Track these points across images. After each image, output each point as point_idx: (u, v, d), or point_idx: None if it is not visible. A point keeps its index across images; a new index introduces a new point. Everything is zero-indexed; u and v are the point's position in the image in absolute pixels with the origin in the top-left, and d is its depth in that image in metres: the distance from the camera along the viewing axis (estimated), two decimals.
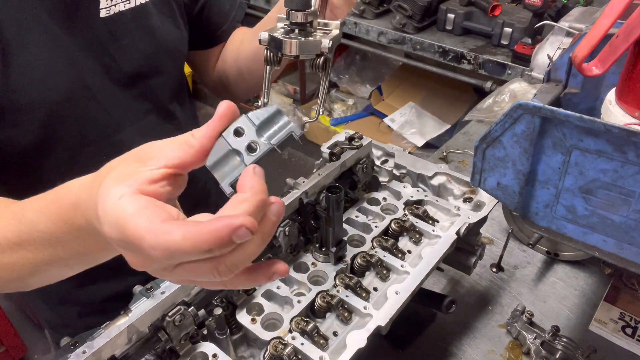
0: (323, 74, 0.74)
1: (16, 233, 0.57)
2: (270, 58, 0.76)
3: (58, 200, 0.55)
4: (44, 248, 0.57)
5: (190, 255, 0.41)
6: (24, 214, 0.58)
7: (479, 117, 1.76)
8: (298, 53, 0.73)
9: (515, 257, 1.26)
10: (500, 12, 2.25)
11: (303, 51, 0.73)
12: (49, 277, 0.63)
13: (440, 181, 1.02)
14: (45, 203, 0.56)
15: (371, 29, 2.58)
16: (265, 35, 0.74)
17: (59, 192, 0.55)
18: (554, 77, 0.84)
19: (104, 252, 0.56)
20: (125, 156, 0.50)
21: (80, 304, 1.03)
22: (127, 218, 0.42)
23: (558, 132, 0.64)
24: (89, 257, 0.58)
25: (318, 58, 0.75)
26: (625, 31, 0.63)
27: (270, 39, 0.74)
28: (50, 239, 0.56)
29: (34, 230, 0.56)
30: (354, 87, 3.78)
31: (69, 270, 0.61)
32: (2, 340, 2.30)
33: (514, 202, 0.73)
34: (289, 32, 0.73)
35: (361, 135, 1.03)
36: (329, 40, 0.73)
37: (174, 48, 0.99)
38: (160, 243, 0.41)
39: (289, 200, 0.86)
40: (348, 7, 0.82)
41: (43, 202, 0.57)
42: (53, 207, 0.55)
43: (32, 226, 0.56)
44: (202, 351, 0.71)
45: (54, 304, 1.05)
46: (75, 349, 0.63)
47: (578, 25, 1.37)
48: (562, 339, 0.96)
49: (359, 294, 0.80)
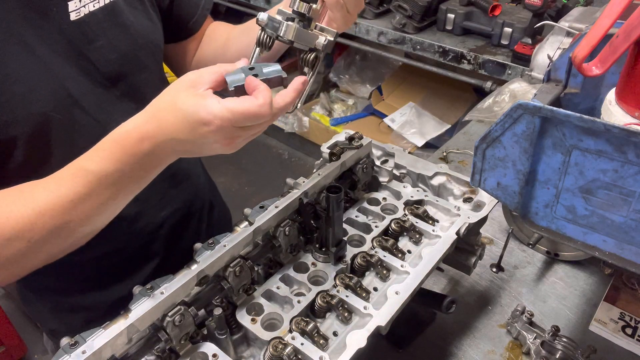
0: (310, 71, 0.77)
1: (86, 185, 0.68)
2: (263, 40, 0.77)
3: (120, 142, 0.67)
4: (113, 186, 0.69)
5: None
6: (86, 168, 0.68)
7: (479, 117, 1.76)
8: (294, 39, 0.75)
9: (515, 257, 1.26)
10: (500, 12, 2.25)
11: (299, 39, 0.75)
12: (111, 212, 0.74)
13: (440, 181, 1.02)
14: (105, 152, 0.68)
15: (371, 29, 2.58)
16: (264, 16, 0.75)
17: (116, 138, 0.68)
18: (554, 77, 0.84)
19: (161, 166, 0.72)
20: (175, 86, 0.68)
21: (89, 310, 1.04)
22: (208, 101, 0.64)
23: (558, 132, 0.64)
24: (147, 179, 0.72)
25: (310, 53, 0.77)
26: (625, 31, 0.63)
27: (269, 20, 0.75)
28: (121, 176, 0.68)
29: (102, 176, 0.67)
30: (354, 87, 3.78)
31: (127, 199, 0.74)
32: (2, 340, 2.30)
33: (514, 202, 0.73)
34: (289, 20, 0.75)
35: (361, 135, 1.03)
36: (325, 39, 0.74)
37: (151, 42, 0.97)
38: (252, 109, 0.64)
39: (289, 200, 0.86)
40: (344, 24, 0.82)
41: (103, 152, 0.68)
42: (117, 149, 0.67)
43: (100, 174, 0.67)
44: (202, 351, 0.71)
45: (62, 313, 1.05)
46: (75, 348, 0.63)
47: (578, 25, 1.37)
48: (562, 339, 0.96)
49: (359, 294, 0.80)
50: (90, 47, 0.85)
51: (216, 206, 1.26)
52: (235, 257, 0.78)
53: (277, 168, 3.81)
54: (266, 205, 0.84)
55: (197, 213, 1.16)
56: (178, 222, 1.09)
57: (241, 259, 0.78)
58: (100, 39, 0.86)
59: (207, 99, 0.65)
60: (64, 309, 1.05)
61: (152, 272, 1.07)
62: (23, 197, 0.68)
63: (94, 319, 0.95)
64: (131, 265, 1.04)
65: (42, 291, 1.04)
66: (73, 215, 0.69)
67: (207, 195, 1.22)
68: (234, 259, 0.78)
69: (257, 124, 0.67)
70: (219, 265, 0.76)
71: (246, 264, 0.78)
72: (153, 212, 1.02)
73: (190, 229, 1.14)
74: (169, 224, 1.07)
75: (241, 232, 0.80)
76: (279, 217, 0.84)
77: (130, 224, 0.95)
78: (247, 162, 3.79)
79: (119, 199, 0.73)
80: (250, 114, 0.65)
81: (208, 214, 1.21)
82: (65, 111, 0.82)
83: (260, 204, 0.85)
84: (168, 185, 1.04)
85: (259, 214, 0.83)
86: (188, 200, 1.12)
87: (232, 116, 0.64)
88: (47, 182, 0.69)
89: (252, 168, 3.78)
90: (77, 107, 0.83)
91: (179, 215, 1.09)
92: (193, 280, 0.73)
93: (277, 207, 0.84)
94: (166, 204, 1.05)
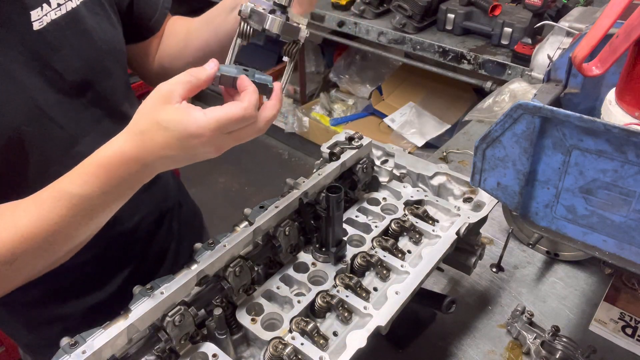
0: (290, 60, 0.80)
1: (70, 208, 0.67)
2: (246, 31, 0.78)
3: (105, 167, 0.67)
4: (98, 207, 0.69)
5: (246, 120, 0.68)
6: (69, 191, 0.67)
7: (479, 117, 1.76)
8: (279, 32, 0.77)
9: (515, 257, 1.26)
10: (500, 12, 2.25)
11: (284, 32, 0.77)
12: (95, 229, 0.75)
13: (440, 181, 1.02)
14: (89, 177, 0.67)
15: (371, 29, 2.58)
16: (247, 8, 0.75)
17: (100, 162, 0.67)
18: (554, 77, 0.84)
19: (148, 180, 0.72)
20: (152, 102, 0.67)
21: (65, 320, 1.02)
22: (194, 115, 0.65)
23: (558, 132, 0.64)
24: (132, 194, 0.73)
25: (294, 45, 0.79)
26: (625, 31, 0.63)
27: (252, 12, 0.75)
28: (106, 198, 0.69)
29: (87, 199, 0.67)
30: (354, 87, 3.78)
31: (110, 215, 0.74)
32: (2, 340, 2.30)
33: (514, 202, 0.73)
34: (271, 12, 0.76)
35: (361, 135, 1.03)
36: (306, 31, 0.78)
37: (114, 47, 0.95)
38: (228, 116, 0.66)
39: (289, 200, 0.86)
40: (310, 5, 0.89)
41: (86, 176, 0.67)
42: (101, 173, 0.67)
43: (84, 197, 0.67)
44: (202, 351, 0.71)
45: (38, 326, 1.03)
46: (75, 348, 0.63)
47: (578, 25, 1.37)
48: (562, 339, 0.96)
49: (359, 294, 0.80)
50: (55, 56, 0.82)
51: (184, 205, 1.27)
52: (235, 257, 0.78)
53: (277, 168, 3.81)
54: (266, 205, 0.84)
55: (168, 213, 1.17)
56: (151, 224, 1.10)
57: (241, 259, 0.78)
58: (64, 47, 0.84)
59: (191, 112, 0.65)
60: (38, 322, 1.03)
61: (128, 276, 1.07)
62: (4, 222, 0.68)
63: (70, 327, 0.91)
64: (108, 271, 1.04)
65: (14, 306, 1.01)
66: (57, 237, 0.69)
67: (175, 195, 1.23)
68: (234, 259, 0.78)
69: (244, 126, 0.69)
70: (219, 265, 0.76)
71: (246, 264, 0.78)
72: (127, 217, 1.03)
73: (162, 229, 1.15)
74: (143, 227, 1.08)
75: (241, 232, 0.80)
76: (279, 217, 0.84)
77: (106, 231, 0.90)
78: (247, 162, 3.79)
79: (104, 217, 0.74)
80: (236, 118, 0.66)
81: (179, 215, 1.22)
82: (36, 123, 0.80)
83: (260, 204, 0.85)
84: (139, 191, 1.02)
85: (259, 214, 0.83)
86: (159, 202, 1.13)
87: (220, 125, 0.65)
88: (28, 205, 0.68)
89: (252, 168, 3.78)
90: (47, 119, 0.82)
91: (152, 218, 1.10)
92: (193, 280, 0.73)
93: (277, 207, 0.84)
94: (138, 208, 1.06)
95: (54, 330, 1.01)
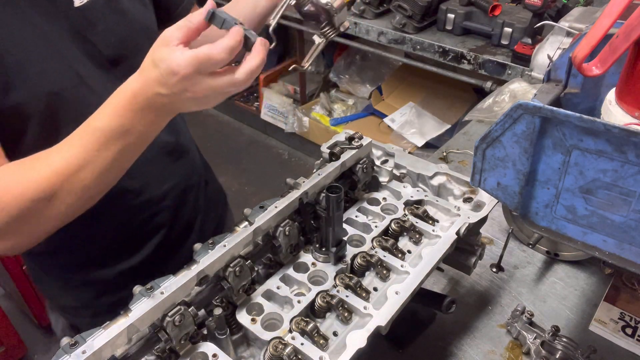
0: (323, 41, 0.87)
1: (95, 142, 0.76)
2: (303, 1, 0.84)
3: (120, 100, 0.76)
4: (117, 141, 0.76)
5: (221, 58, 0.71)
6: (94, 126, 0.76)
7: (479, 117, 1.76)
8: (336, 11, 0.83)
9: (515, 257, 1.26)
10: (500, 12, 2.25)
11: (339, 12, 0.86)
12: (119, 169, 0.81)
13: (440, 181, 1.02)
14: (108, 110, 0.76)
15: (371, 29, 2.58)
16: None
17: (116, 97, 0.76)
18: (554, 77, 0.84)
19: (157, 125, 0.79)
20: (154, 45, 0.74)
21: (98, 284, 1.10)
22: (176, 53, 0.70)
23: (558, 132, 0.64)
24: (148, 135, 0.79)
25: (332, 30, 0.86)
26: (625, 31, 0.63)
27: None
28: (124, 131, 0.76)
29: (108, 131, 0.75)
30: (354, 87, 3.78)
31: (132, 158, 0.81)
32: (2, 340, 2.30)
33: (514, 202, 0.73)
34: None
35: (361, 135, 1.03)
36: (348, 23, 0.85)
37: (146, 26, 1.04)
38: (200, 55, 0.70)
39: (289, 200, 0.86)
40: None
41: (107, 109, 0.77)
42: (118, 106, 0.75)
43: (105, 129, 0.75)
44: (202, 351, 0.71)
45: (73, 289, 1.11)
46: (75, 348, 0.63)
47: (578, 25, 1.37)
48: (562, 339, 0.96)
49: (359, 294, 0.80)
50: (93, 31, 0.92)
51: (210, 183, 1.33)
52: (235, 257, 0.78)
53: (277, 168, 3.81)
54: (266, 205, 0.84)
55: (195, 188, 1.22)
56: (178, 196, 1.16)
57: (241, 259, 0.78)
58: (101, 24, 0.93)
59: (175, 51, 0.71)
60: (74, 285, 1.11)
61: (156, 246, 1.13)
62: (40, 162, 0.77)
63: (103, 292, 1.09)
64: (137, 238, 1.11)
65: (52, 269, 1.10)
66: (86, 172, 0.77)
67: (202, 173, 1.28)
68: (234, 259, 0.78)
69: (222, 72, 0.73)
70: (219, 265, 0.76)
71: (246, 264, 0.78)
72: (155, 186, 1.09)
73: (189, 201, 1.20)
74: (170, 197, 1.13)
75: (241, 232, 0.80)
76: (279, 217, 0.84)
77: (135, 197, 1.04)
78: (247, 162, 3.79)
79: (125, 156, 0.80)
80: (210, 55, 0.71)
81: (205, 192, 1.28)
82: (73, 90, 0.89)
83: (260, 204, 0.85)
84: (168, 161, 1.11)
85: (259, 214, 0.83)
86: (186, 175, 1.18)
87: (194, 61, 0.70)
88: (60, 146, 0.78)
89: (252, 168, 3.78)
90: (84, 86, 0.90)
91: (179, 190, 1.16)
92: (193, 280, 0.73)
93: (277, 207, 0.84)
94: (167, 178, 1.12)
95: (88, 293, 1.11)
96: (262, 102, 3.98)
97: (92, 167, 0.77)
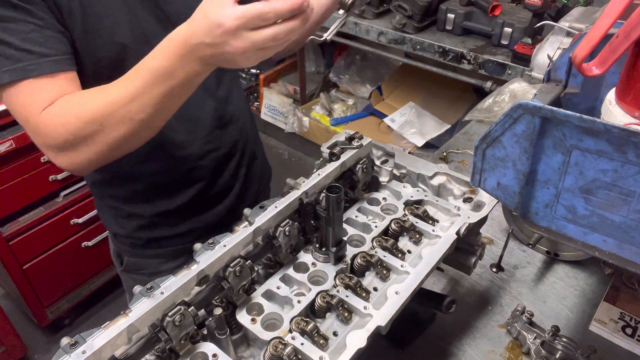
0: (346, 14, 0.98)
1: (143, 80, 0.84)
2: None
3: (169, 45, 0.82)
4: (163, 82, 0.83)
5: None
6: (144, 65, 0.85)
7: (479, 117, 1.76)
8: None
9: (515, 257, 1.26)
10: (500, 12, 2.25)
11: None
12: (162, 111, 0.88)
13: (440, 181, 1.02)
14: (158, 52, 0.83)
15: (371, 29, 2.58)
16: None
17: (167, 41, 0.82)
18: (554, 77, 0.84)
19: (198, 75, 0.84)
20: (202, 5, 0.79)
21: (139, 217, 1.24)
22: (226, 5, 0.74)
23: (558, 132, 0.64)
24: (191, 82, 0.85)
25: None
26: (625, 31, 0.63)
27: None
28: (169, 74, 0.82)
29: (155, 71, 0.83)
30: (354, 87, 3.78)
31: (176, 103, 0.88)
32: (2, 340, 2.30)
33: (514, 202, 0.73)
34: None
35: (361, 135, 1.03)
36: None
37: None
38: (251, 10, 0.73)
39: (289, 200, 0.86)
40: None
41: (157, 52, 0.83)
42: (167, 50, 0.82)
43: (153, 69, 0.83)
44: (202, 351, 0.71)
45: (120, 218, 1.26)
46: (75, 348, 0.63)
47: (578, 25, 1.37)
48: (562, 339, 0.96)
49: (359, 294, 0.80)
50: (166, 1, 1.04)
51: (259, 158, 1.40)
52: (235, 257, 0.78)
53: (277, 168, 3.80)
54: (266, 205, 0.84)
55: (237, 157, 1.29)
56: (219, 158, 1.24)
57: (241, 259, 0.78)
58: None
59: (226, 5, 0.74)
60: (121, 215, 1.25)
61: (191, 197, 1.23)
62: (99, 92, 0.88)
63: (142, 226, 1.25)
64: (175, 185, 1.22)
65: (107, 199, 1.26)
66: (134, 106, 0.85)
67: (250, 145, 1.34)
68: (234, 259, 0.78)
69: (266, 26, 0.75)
70: (219, 265, 0.76)
71: (246, 264, 0.78)
72: (198, 144, 1.18)
73: (229, 169, 1.28)
74: (210, 158, 1.22)
75: (241, 232, 0.80)
76: (279, 217, 0.84)
77: (178, 149, 1.15)
78: None
79: (170, 98, 0.86)
80: (259, 11, 0.73)
81: (248, 164, 1.34)
82: (138, 44, 1.00)
83: (260, 204, 0.85)
84: (215, 125, 1.21)
85: (259, 214, 0.83)
86: (231, 142, 1.26)
87: (243, 16, 0.73)
88: (117, 81, 0.87)
89: None
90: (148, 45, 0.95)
91: (220, 154, 1.24)
92: (193, 280, 0.73)
93: (277, 207, 0.84)
94: (210, 140, 1.21)
95: (130, 225, 1.25)
96: (262, 102, 3.98)
97: (140, 101, 0.84)
